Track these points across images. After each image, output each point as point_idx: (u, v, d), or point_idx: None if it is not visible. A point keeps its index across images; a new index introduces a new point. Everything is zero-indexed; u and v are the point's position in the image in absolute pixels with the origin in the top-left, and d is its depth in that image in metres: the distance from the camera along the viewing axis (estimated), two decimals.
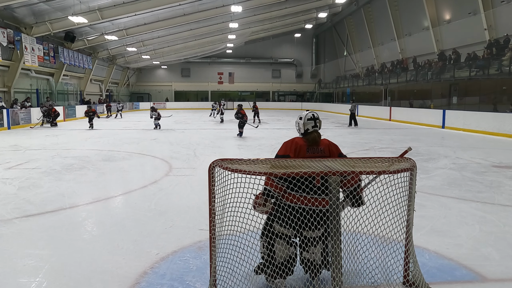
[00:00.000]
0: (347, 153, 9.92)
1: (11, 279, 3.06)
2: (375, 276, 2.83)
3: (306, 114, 2.94)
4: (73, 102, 26.09)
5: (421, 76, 22.11)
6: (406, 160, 2.75)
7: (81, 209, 4.99)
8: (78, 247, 3.71)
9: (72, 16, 17.14)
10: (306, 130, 2.90)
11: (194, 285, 2.95)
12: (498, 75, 16.06)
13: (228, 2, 21.05)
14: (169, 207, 5.03)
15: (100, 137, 13.35)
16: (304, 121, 2.91)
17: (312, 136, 2.88)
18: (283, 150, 2.86)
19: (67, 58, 22.90)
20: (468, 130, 15.24)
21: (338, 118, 25.04)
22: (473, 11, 18.72)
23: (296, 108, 38.83)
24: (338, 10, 32.21)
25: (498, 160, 8.56)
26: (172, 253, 3.56)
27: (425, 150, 10.18)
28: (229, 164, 2.55)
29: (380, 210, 2.68)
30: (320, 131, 2.97)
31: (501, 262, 3.37)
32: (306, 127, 2.90)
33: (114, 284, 2.98)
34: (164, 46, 30.64)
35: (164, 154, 9.28)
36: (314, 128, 2.90)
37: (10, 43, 17.05)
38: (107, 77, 32.96)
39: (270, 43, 41.38)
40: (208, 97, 43.52)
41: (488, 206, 5.03)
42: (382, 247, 2.88)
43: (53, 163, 8.17)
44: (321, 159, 2.72)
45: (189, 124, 19.48)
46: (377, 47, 29.77)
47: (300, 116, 2.97)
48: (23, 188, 6.00)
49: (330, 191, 2.43)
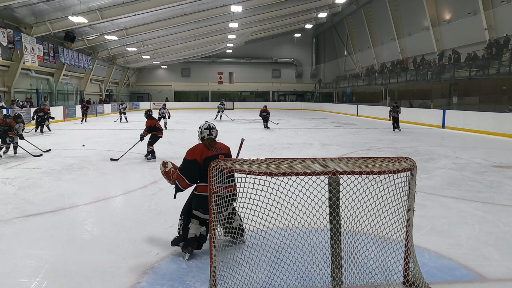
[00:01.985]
0: (347, 153, 10.00)
1: (11, 279, 3.06)
2: (375, 276, 2.84)
3: (203, 125, 3.72)
4: (73, 102, 26.06)
5: (421, 76, 22.12)
6: (406, 160, 2.76)
7: (81, 209, 4.99)
8: (78, 247, 3.71)
9: (72, 16, 17.13)
10: (203, 137, 3.64)
11: (194, 285, 2.95)
12: (498, 75, 16.07)
13: (228, 2, 21.05)
14: (169, 207, 5.03)
15: (100, 137, 13.35)
16: (201, 130, 3.67)
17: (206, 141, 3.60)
18: (190, 155, 3.52)
19: (67, 58, 22.90)
20: (468, 130, 15.23)
21: (338, 118, 25.04)
22: (473, 11, 18.72)
23: (296, 108, 38.85)
24: (338, 10, 32.21)
25: (498, 160, 8.56)
26: (172, 253, 3.56)
27: (425, 150, 10.18)
28: (229, 164, 2.55)
29: (380, 210, 2.68)
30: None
31: (501, 262, 3.38)
32: (203, 134, 3.64)
33: (114, 284, 2.98)
34: (164, 46, 30.64)
35: (164, 154, 9.28)
36: (209, 136, 3.63)
37: (10, 43, 17.05)
38: (107, 77, 32.96)
39: (270, 43, 41.38)
40: (208, 97, 43.54)
41: (488, 206, 5.03)
42: (382, 247, 2.88)
43: (53, 163, 8.17)
44: (321, 159, 2.74)
45: (189, 124, 19.47)
46: (377, 47, 29.77)
47: (199, 126, 3.74)
48: (23, 188, 6.01)
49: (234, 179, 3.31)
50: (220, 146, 3.70)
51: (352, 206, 2.76)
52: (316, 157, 2.90)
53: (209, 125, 3.71)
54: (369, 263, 2.84)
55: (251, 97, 43.38)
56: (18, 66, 18.69)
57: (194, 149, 3.55)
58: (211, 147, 3.56)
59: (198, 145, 3.61)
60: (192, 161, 3.47)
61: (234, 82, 43.23)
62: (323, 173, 2.40)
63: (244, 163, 2.63)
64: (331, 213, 2.55)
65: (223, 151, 3.64)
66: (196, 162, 3.45)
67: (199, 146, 3.58)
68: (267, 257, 3.23)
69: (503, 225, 4.32)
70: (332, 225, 2.55)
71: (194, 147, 3.57)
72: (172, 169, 3.70)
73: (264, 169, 2.47)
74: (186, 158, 3.53)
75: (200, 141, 3.67)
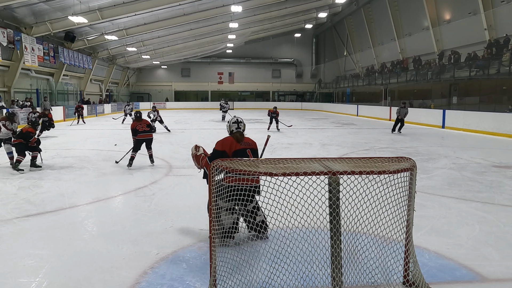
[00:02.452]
0: (347, 153, 10.00)
1: (11, 279, 3.06)
2: (375, 276, 2.83)
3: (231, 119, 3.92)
4: (73, 102, 26.04)
5: (421, 76, 22.12)
6: (406, 160, 2.76)
7: (81, 209, 4.99)
8: (78, 247, 3.71)
9: (72, 16, 17.12)
10: (232, 131, 3.82)
11: (194, 285, 2.95)
12: (498, 75, 16.06)
13: (228, 2, 21.04)
14: (169, 207, 5.03)
15: (100, 137, 13.35)
16: (230, 124, 3.87)
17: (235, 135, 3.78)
18: (220, 146, 3.69)
19: (67, 58, 22.90)
20: (468, 130, 15.23)
21: (338, 118, 25.04)
22: (473, 11, 18.71)
23: (296, 108, 38.83)
24: (338, 10, 32.21)
25: (498, 160, 8.56)
26: (172, 253, 3.56)
27: (425, 150, 10.18)
28: (229, 164, 2.55)
29: (380, 210, 2.68)
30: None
31: (501, 262, 3.38)
32: (232, 128, 3.84)
33: (114, 284, 2.98)
34: (164, 46, 30.64)
35: (164, 154, 9.28)
36: (237, 129, 3.81)
37: (10, 43, 17.04)
38: (107, 77, 32.96)
39: (270, 43, 41.36)
40: (208, 97, 43.53)
41: (488, 206, 5.03)
42: (382, 247, 2.88)
43: (53, 163, 8.17)
44: (321, 159, 2.75)
45: (189, 124, 19.47)
46: (377, 47, 29.77)
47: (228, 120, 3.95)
48: (23, 188, 6.01)
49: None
50: (248, 141, 3.83)
51: (352, 206, 2.76)
52: (316, 157, 2.90)
53: (237, 119, 3.89)
54: (369, 263, 2.84)
55: (251, 97, 43.36)
56: (18, 66, 18.68)
57: (224, 141, 3.71)
58: (240, 140, 3.72)
59: (228, 137, 3.77)
60: (221, 152, 3.63)
61: (234, 82, 43.22)
62: (323, 173, 2.40)
63: (244, 163, 2.63)
64: (331, 213, 2.55)
65: (250, 146, 3.79)
66: (225, 153, 3.62)
67: (229, 139, 3.74)
68: (267, 257, 3.23)
69: (503, 225, 4.32)
70: (332, 225, 2.55)
71: (224, 139, 3.74)
72: (202, 154, 3.83)
73: (264, 169, 2.47)
74: (216, 148, 3.69)
75: (229, 134, 3.83)
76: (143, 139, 7.82)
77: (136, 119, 8.00)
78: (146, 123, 7.95)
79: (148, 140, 7.91)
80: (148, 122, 8.04)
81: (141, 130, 7.77)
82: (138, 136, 7.74)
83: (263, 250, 3.45)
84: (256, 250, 2.89)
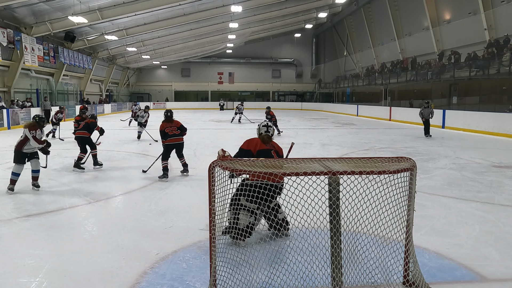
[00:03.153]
0: (347, 153, 10.00)
1: (11, 279, 3.06)
2: (375, 276, 2.83)
3: (261, 123, 4.18)
4: (73, 102, 26.04)
5: (421, 76, 22.11)
6: (406, 160, 2.76)
7: (81, 209, 4.99)
8: (78, 247, 3.71)
9: (72, 16, 17.13)
10: (260, 133, 4.06)
11: (194, 285, 2.95)
12: (498, 75, 16.06)
13: (228, 2, 21.04)
14: (169, 207, 5.03)
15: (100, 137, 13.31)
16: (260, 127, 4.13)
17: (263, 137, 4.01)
18: (246, 145, 3.93)
19: (67, 58, 22.90)
20: (468, 130, 15.23)
21: (338, 118, 25.03)
22: (473, 11, 18.71)
23: (296, 108, 38.83)
24: (338, 10, 32.21)
25: (498, 160, 8.56)
26: (172, 253, 3.56)
27: (425, 150, 10.18)
28: (229, 164, 2.55)
29: (380, 210, 2.68)
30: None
31: (501, 262, 3.38)
32: (261, 131, 4.08)
33: (114, 284, 2.98)
34: (164, 46, 30.63)
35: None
36: (266, 133, 4.04)
37: (10, 43, 17.04)
38: (107, 77, 32.96)
39: (270, 43, 41.36)
40: (208, 97, 43.52)
41: (488, 206, 5.03)
42: (382, 247, 2.88)
43: (53, 163, 8.16)
44: (321, 159, 2.75)
45: (189, 124, 19.40)
46: (377, 47, 29.77)
47: (258, 124, 4.23)
48: (23, 188, 6.00)
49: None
50: (274, 144, 4.04)
51: (352, 206, 2.76)
52: (316, 157, 2.90)
53: (267, 123, 4.16)
54: (369, 263, 2.84)
55: (251, 97, 43.34)
56: (18, 66, 18.68)
57: (250, 141, 3.96)
58: (266, 142, 3.94)
59: (255, 138, 4.04)
60: (246, 151, 3.86)
61: (234, 82, 43.22)
62: (323, 173, 2.40)
63: (244, 163, 2.64)
64: (331, 213, 2.56)
65: (275, 149, 3.99)
66: (250, 152, 3.84)
67: (255, 139, 4.00)
68: (267, 257, 3.23)
69: (503, 225, 4.32)
70: (332, 225, 2.56)
71: (251, 139, 3.99)
72: (229, 155, 3.91)
73: (264, 169, 2.47)
74: (242, 147, 3.92)
75: (258, 136, 4.09)
76: (173, 144, 6.61)
77: (166, 120, 6.71)
78: (178, 125, 6.71)
79: (178, 146, 6.68)
80: (180, 124, 6.78)
81: (171, 134, 6.53)
82: (167, 140, 6.55)
83: (263, 250, 3.45)
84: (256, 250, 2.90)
